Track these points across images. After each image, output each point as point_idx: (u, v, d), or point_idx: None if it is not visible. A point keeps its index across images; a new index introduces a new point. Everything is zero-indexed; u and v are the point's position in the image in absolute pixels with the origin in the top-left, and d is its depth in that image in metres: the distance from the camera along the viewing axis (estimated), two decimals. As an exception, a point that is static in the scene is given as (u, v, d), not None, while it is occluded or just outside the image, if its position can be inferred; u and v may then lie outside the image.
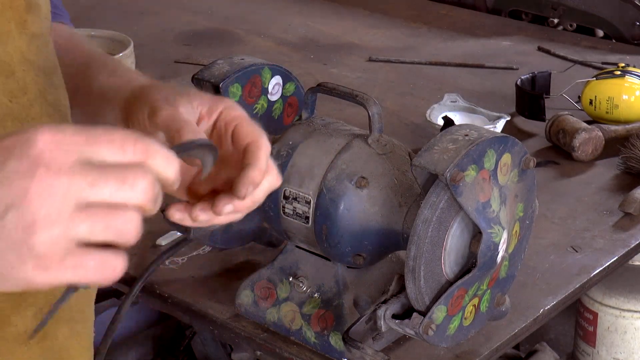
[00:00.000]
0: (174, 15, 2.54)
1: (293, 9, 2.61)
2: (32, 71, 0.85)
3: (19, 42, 0.84)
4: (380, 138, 1.14)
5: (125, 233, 0.61)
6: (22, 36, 0.84)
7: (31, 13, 0.85)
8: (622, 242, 1.47)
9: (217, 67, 1.21)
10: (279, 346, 1.22)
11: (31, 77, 0.85)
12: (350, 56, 2.26)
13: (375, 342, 1.15)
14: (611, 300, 1.79)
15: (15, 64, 0.83)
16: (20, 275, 0.60)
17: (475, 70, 2.17)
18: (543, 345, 1.91)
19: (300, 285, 1.20)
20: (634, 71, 1.84)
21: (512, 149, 1.05)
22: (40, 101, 0.86)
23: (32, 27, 0.85)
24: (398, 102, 1.96)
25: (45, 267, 0.59)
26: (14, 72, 0.83)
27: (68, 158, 0.60)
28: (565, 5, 2.44)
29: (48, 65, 0.88)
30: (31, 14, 0.85)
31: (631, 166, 1.65)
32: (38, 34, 0.86)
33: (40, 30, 0.86)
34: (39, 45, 0.86)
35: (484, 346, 1.22)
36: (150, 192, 0.61)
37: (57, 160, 0.59)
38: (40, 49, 0.86)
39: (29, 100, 0.84)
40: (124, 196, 0.60)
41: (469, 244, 1.06)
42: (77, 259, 0.59)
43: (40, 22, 0.87)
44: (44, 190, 0.59)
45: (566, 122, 1.73)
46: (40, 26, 0.86)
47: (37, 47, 0.86)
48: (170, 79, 2.08)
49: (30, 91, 0.84)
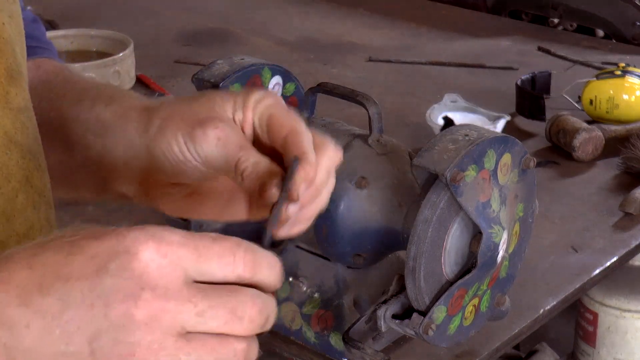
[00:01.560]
0: (174, 15, 2.54)
1: (293, 9, 2.61)
2: (18, 153, 0.73)
3: (3, 119, 0.72)
4: (380, 138, 1.14)
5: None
6: (6, 112, 0.73)
7: (14, 84, 0.74)
8: (622, 242, 1.47)
9: (217, 67, 1.21)
10: (279, 346, 1.22)
11: (15, 161, 0.73)
12: (350, 56, 2.26)
13: (375, 342, 1.15)
14: (611, 301, 1.79)
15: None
16: None
17: (475, 70, 2.17)
18: (543, 345, 1.91)
19: (300, 285, 1.20)
20: (634, 71, 1.84)
21: (512, 149, 1.05)
22: (26, 189, 0.74)
23: (16, 100, 0.74)
24: (398, 102, 1.96)
25: None
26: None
27: (176, 278, 0.53)
28: (566, 5, 2.45)
29: (34, 143, 0.76)
30: (14, 85, 0.74)
31: (631, 166, 1.65)
32: (23, 108, 0.75)
33: (25, 103, 0.75)
34: (24, 120, 0.75)
35: (484, 346, 1.22)
36: (258, 320, 0.55)
37: (164, 280, 0.52)
38: (26, 124, 0.75)
39: (14, 189, 0.73)
40: (231, 329, 0.54)
41: (469, 244, 1.06)
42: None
43: (24, 94, 0.75)
44: (150, 318, 0.52)
45: (566, 122, 1.73)
46: (24, 97, 0.75)
47: (22, 124, 0.74)
48: (170, 79, 2.08)
49: (15, 178, 0.73)
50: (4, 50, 0.74)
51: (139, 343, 0.52)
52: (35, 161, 0.76)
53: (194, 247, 0.54)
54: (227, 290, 0.54)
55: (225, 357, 0.54)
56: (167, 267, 0.52)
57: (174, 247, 0.53)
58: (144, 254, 0.52)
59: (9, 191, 0.72)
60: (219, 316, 0.53)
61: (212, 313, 0.53)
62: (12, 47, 0.75)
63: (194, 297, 0.53)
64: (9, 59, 0.74)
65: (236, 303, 0.54)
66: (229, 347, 0.54)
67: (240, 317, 0.54)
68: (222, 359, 0.54)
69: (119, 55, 1.94)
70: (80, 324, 0.52)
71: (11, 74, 0.74)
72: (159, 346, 0.52)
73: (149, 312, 0.52)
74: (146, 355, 0.52)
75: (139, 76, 2.05)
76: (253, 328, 0.55)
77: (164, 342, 0.52)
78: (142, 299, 0.52)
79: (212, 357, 0.54)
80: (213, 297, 0.53)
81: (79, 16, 2.46)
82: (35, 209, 0.76)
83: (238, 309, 0.54)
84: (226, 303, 0.54)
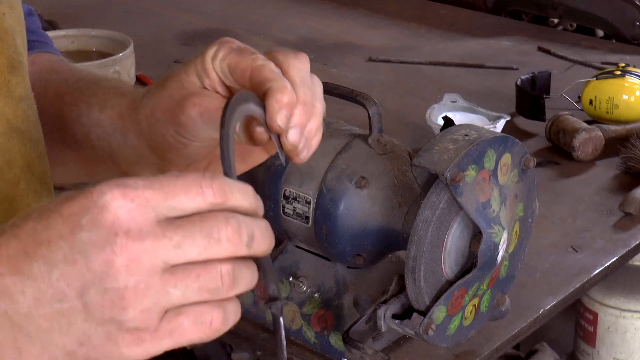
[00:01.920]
0: (174, 15, 2.54)
1: (293, 9, 2.61)
2: (19, 141, 0.75)
3: (4, 108, 0.74)
4: (380, 138, 1.14)
5: (219, 290, 0.56)
6: (7, 100, 0.75)
7: (15, 73, 0.76)
8: (622, 242, 1.47)
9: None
10: (279, 346, 1.22)
11: (17, 148, 0.75)
12: (350, 56, 2.26)
13: (375, 342, 1.15)
14: (611, 300, 1.79)
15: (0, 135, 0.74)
16: (113, 356, 0.55)
17: (475, 70, 2.17)
18: (543, 345, 1.91)
19: (300, 285, 1.20)
20: (634, 71, 1.84)
21: (512, 149, 1.05)
22: (27, 176, 0.77)
23: (17, 90, 0.76)
24: (398, 102, 1.96)
25: (140, 340, 0.54)
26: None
27: (147, 219, 0.54)
28: (565, 5, 2.44)
29: (35, 131, 0.78)
30: (15, 74, 0.76)
31: (631, 166, 1.65)
32: (24, 96, 0.77)
33: (25, 92, 0.78)
34: (25, 109, 0.77)
35: (484, 346, 1.22)
36: (238, 239, 0.56)
37: (136, 223, 0.54)
38: (27, 112, 0.77)
39: (15, 176, 0.75)
40: (211, 253, 0.55)
41: (469, 244, 1.06)
42: (171, 323, 0.55)
43: (24, 83, 0.78)
44: (129, 261, 0.53)
45: (566, 122, 1.73)
46: (25, 87, 0.78)
47: (23, 112, 0.76)
48: (170, 79, 2.07)
49: (16, 165, 0.75)
50: (5, 40, 0.76)
51: (125, 287, 0.53)
52: (36, 149, 0.78)
53: (159, 187, 0.55)
54: (199, 218, 0.55)
55: (212, 281, 0.55)
56: (136, 210, 0.54)
57: (139, 191, 0.55)
58: (111, 203, 0.54)
59: (10, 177, 0.74)
60: (196, 244, 0.55)
61: (188, 242, 0.55)
62: (13, 37, 0.77)
63: (167, 231, 0.54)
64: (10, 49, 0.76)
65: (210, 227, 0.55)
66: (213, 270, 0.55)
67: (217, 239, 0.55)
68: (209, 285, 0.55)
69: (119, 55, 1.94)
70: (68, 281, 0.54)
71: (12, 63, 0.76)
72: (145, 285, 0.54)
73: (128, 256, 0.53)
74: (136, 297, 0.54)
75: (139, 76, 2.05)
76: (234, 248, 0.56)
77: (149, 280, 0.54)
78: (118, 245, 0.53)
79: (198, 283, 0.55)
80: (186, 227, 0.55)
81: (79, 16, 2.46)
82: (37, 195, 0.77)
83: (213, 232, 0.55)
84: (200, 230, 0.55)
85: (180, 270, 0.55)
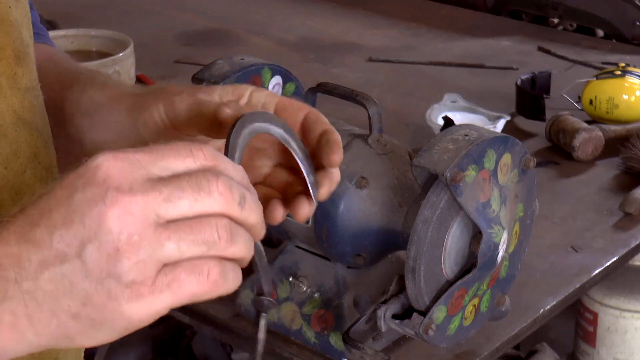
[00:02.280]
0: (174, 15, 2.54)
1: (293, 9, 2.61)
2: (26, 131, 0.77)
3: (11, 99, 0.76)
4: (380, 138, 1.14)
5: (214, 243, 0.57)
6: (14, 91, 0.76)
7: (21, 65, 0.78)
8: (622, 242, 1.47)
9: (217, 67, 1.21)
10: (279, 346, 1.22)
11: (24, 138, 0.77)
12: (350, 56, 2.26)
13: (375, 342, 1.15)
14: (611, 301, 1.79)
15: (8, 125, 0.76)
16: (116, 315, 0.56)
17: (475, 70, 2.17)
18: (543, 345, 1.91)
19: (300, 285, 1.20)
20: (634, 71, 1.84)
21: (512, 149, 1.05)
22: (33, 165, 0.78)
23: (24, 80, 0.78)
24: (398, 102, 1.96)
25: (139, 295, 0.56)
26: (6, 135, 0.75)
27: (138, 176, 0.56)
28: (566, 5, 2.44)
29: (41, 121, 0.80)
30: (21, 65, 0.78)
31: (631, 166, 1.65)
32: (30, 87, 0.79)
33: (32, 83, 0.79)
34: (31, 99, 0.79)
35: (484, 346, 1.22)
36: (230, 194, 0.57)
37: (127, 179, 0.56)
38: (33, 103, 0.79)
39: (22, 165, 0.77)
40: (203, 205, 0.57)
41: (469, 244, 1.06)
42: (168, 276, 0.56)
43: (30, 74, 0.79)
44: (121, 212, 0.55)
45: (566, 122, 1.73)
46: (31, 78, 0.79)
47: (29, 102, 0.78)
48: (170, 79, 2.08)
49: (23, 154, 0.77)
50: (11, 32, 0.77)
51: (119, 239, 0.55)
52: (42, 138, 0.80)
53: (149, 151, 0.58)
54: (188, 175, 0.57)
55: (207, 233, 0.57)
56: (127, 167, 0.56)
57: (130, 154, 0.57)
58: (104, 164, 0.56)
59: (17, 166, 0.76)
60: (185, 195, 0.56)
61: (178, 194, 0.56)
62: (19, 30, 0.79)
63: (157, 185, 0.56)
64: (16, 41, 0.78)
65: (200, 181, 0.57)
66: (208, 223, 0.57)
67: (208, 191, 0.57)
68: (204, 236, 0.57)
69: (119, 55, 1.94)
70: (67, 242, 0.56)
71: (18, 55, 0.77)
72: (139, 237, 0.55)
73: (119, 208, 0.55)
74: (130, 248, 0.55)
75: (139, 76, 2.05)
76: (227, 201, 0.57)
77: (143, 232, 0.55)
78: (109, 198, 0.55)
79: (192, 235, 0.56)
80: (176, 181, 0.57)
81: (79, 16, 2.46)
82: (43, 184, 0.78)
83: (203, 186, 0.57)
84: (189, 182, 0.57)
85: (175, 224, 0.56)
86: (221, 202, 0.57)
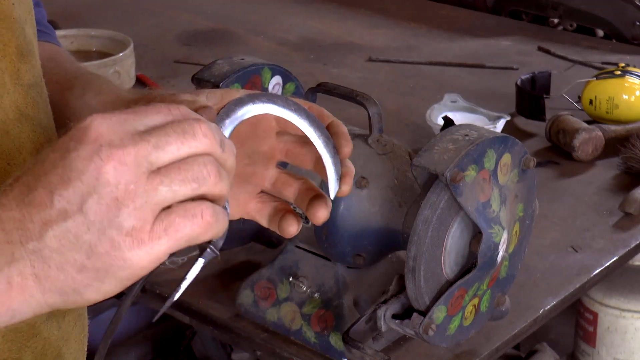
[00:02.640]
0: (174, 15, 2.54)
1: (293, 9, 2.61)
2: (29, 127, 0.79)
3: (14, 95, 0.78)
4: (380, 138, 1.14)
5: (205, 179, 0.61)
6: (17, 88, 0.78)
7: (24, 61, 0.79)
8: (622, 242, 1.47)
9: (217, 67, 1.21)
10: (279, 346, 1.22)
11: (27, 134, 0.79)
12: (350, 56, 2.26)
13: (375, 342, 1.15)
14: (611, 301, 1.79)
15: (10, 121, 0.77)
16: (119, 263, 0.60)
17: (475, 70, 2.17)
18: (543, 345, 1.91)
19: (300, 285, 1.20)
20: (634, 71, 1.84)
21: (512, 149, 1.05)
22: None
23: (27, 77, 0.79)
24: (398, 102, 1.96)
25: (139, 241, 0.59)
26: (9, 131, 0.77)
27: (126, 131, 0.60)
28: (566, 5, 2.44)
29: (44, 117, 0.82)
30: (24, 62, 0.79)
31: (631, 166, 1.65)
32: (33, 84, 0.80)
33: (35, 79, 0.81)
34: (35, 96, 0.80)
35: (484, 346, 1.22)
36: (212, 135, 0.61)
37: (117, 134, 0.60)
38: (36, 99, 0.80)
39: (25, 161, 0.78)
40: (190, 147, 0.60)
41: (469, 244, 1.06)
42: (164, 222, 0.60)
43: (34, 70, 0.81)
44: (115, 164, 0.59)
45: (566, 122, 1.73)
46: (34, 74, 0.81)
47: (32, 99, 0.80)
48: (170, 79, 2.08)
49: (26, 150, 0.79)
50: (14, 29, 0.78)
51: (117, 188, 0.59)
52: (46, 134, 0.81)
53: (132, 112, 0.62)
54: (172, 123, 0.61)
55: (196, 170, 0.60)
56: (115, 124, 0.60)
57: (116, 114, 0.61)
58: (93, 123, 0.60)
59: (20, 162, 0.78)
60: (173, 140, 0.60)
61: (165, 140, 0.60)
62: (22, 27, 0.80)
63: (145, 137, 0.60)
64: (19, 38, 0.79)
65: (184, 126, 0.61)
66: (195, 162, 0.61)
67: (193, 134, 0.61)
68: (193, 174, 0.60)
69: (119, 55, 1.94)
70: (68, 199, 0.59)
71: (21, 51, 0.79)
72: (135, 186, 0.59)
73: (114, 161, 0.59)
74: (128, 196, 0.59)
75: (139, 76, 2.05)
76: (211, 142, 0.61)
77: (137, 181, 0.59)
78: (103, 153, 0.59)
79: (181, 174, 0.60)
80: (162, 130, 0.61)
81: (79, 16, 2.46)
82: None
83: (187, 130, 0.61)
84: (175, 129, 0.61)
85: (166, 168, 0.60)
86: (205, 143, 0.61)
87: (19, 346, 0.81)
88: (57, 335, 0.85)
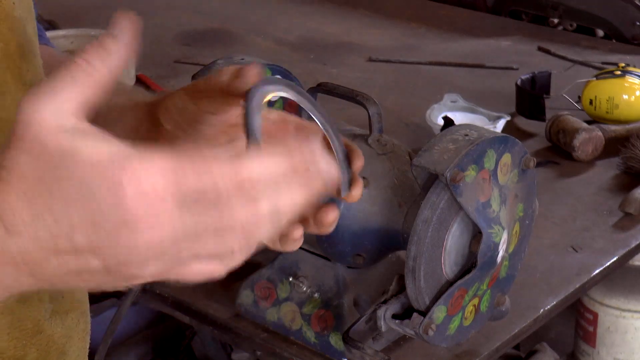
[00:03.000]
0: (174, 15, 2.54)
1: (293, 9, 2.61)
2: None
3: (17, 94, 0.77)
4: (380, 138, 1.14)
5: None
6: (19, 86, 0.78)
7: (25, 60, 0.79)
8: (622, 242, 1.47)
9: (217, 67, 1.21)
10: (279, 346, 1.22)
11: None
12: (350, 56, 2.26)
13: (375, 342, 1.15)
14: (611, 301, 1.79)
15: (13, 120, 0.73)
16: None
17: (475, 70, 2.17)
18: (543, 345, 1.91)
19: (300, 285, 1.20)
20: (634, 71, 1.84)
21: (512, 149, 1.05)
22: None
23: (28, 76, 0.79)
24: (398, 102, 1.96)
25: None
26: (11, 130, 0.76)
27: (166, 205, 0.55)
28: (565, 5, 2.45)
29: None
30: (25, 61, 0.79)
31: (631, 166, 1.65)
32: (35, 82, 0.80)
33: (36, 78, 0.81)
34: None
35: (484, 346, 1.22)
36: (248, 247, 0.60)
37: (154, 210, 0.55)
38: None
39: None
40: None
41: (469, 244, 1.06)
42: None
43: (35, 69, 0.81)
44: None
45: (566, 122, 1.73)
46: (35, 73, 0.81)
47: None
48: (170, 78, 2.08)
49: None
50: (15, 28, 0.79)
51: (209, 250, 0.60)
52: None
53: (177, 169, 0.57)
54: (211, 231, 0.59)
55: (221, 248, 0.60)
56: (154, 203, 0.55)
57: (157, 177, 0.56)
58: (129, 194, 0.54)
59: None
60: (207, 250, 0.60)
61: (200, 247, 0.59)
62: (23, 25, 0.80)
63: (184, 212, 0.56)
64: (20, 37, 0.79)
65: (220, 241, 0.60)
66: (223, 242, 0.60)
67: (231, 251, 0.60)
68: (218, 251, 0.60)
69: (119, 55, 1.94)
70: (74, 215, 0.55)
71: (23, 50, 0.79)
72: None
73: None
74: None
75: (139, 76, 2.05)
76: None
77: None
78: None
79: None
80: (202, 236, 0.59)
81: (79, 16, 2.46)
82: None
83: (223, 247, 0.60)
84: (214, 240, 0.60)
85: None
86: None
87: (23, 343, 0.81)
88: (61, 333, 0.85)
